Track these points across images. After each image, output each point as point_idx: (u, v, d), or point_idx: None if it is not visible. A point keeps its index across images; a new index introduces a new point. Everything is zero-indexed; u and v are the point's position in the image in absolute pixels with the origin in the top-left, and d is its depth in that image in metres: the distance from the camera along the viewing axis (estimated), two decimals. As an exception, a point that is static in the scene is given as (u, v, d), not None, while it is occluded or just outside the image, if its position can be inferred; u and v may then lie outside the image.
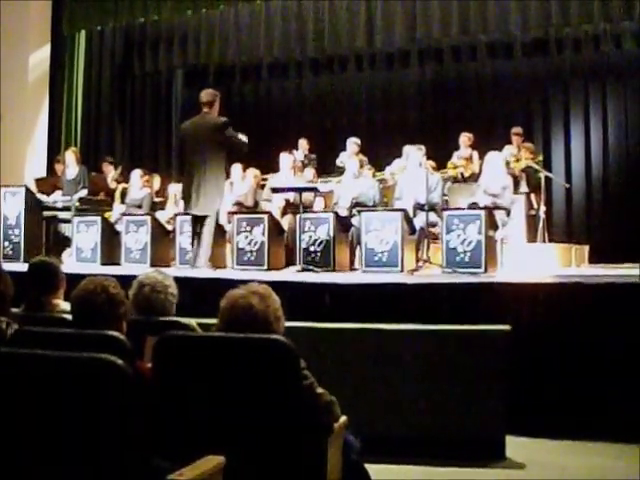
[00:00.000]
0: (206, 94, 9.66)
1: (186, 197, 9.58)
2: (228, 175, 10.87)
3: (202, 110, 9.57)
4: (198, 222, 9.41)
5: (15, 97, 14.74)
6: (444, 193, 11.04)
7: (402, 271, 9.33)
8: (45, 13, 15.63)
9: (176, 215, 11.16)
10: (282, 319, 3.65)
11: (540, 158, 12.70)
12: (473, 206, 9.75)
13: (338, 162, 12.75)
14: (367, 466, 4.03)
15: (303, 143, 13.93)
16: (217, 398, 3.42)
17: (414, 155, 10.65)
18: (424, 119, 15.87)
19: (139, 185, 12.20)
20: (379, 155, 13.13)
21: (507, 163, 11.25)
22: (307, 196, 10.87)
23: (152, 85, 17.33)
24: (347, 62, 16.34)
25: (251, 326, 3.50)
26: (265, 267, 10.02)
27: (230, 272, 9.70)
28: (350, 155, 12.36)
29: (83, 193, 12.26)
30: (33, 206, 11.66)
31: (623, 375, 6.61)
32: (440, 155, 12.42)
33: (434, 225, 9.98)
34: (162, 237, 11.15)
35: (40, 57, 15.58)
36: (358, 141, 12.88)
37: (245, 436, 3.36)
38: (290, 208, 11.10)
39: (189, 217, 9.68)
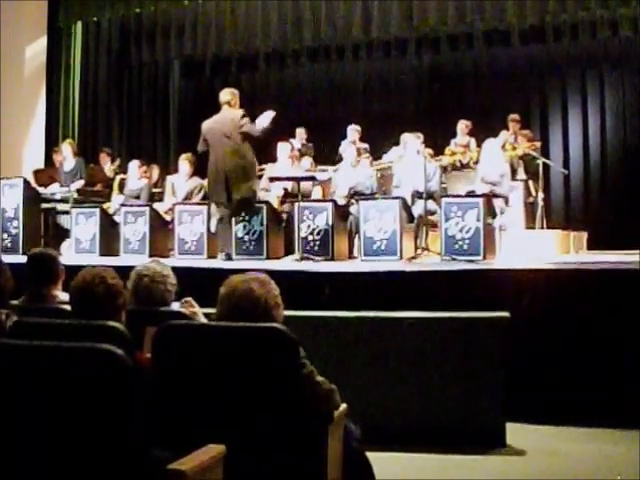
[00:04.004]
0: (224, 94, 9.71)
1: (212, 191, 9.75)
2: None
3: (222, 108, 9.63)
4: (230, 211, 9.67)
5: (12, 89, 14.71)
6: (442, 181, 11.02)
7: (401, 259, 9.35)
8: (41, 4, 15.61)
9: (174, 205, 11.16)
10: (281, 307, 3.64)
11: (538, 145, 12.69)
12: (471, 194, 9.75)
13: (341, 151, 12.73)
14: (367, 454, 4.04)
15: (300, 132, 13.91)
16: (217, 387, 3.43)
17: (412, 143, 10.64)
18: (421, 107, 15.87)
19: (137, 176, 12.19)
20: (376, 143, 13.10)
21: (503, 146, 11.25)
22: (305, 185, 10.86)
23: (149, 76, 17.29)
24: (344, 51, 16.31)
25: (251, 311, 3.50)
26: (264, 256, 10.02)
27: (229, 261, 9.69)
28: (349, 143, 12.34)
29: (80, 184, 12.25)
30: (31, 198, 11.63)
31: (622, 361, 6.62)
32: (438, 143, 12.43)
33: (432, 213, 9.97)
34: (161, 228, 11.15)
35: (37, 49, 15.56)
36: (358, 128, 12.87)
37: (245, 425, 3.37)
38: (288, 197, 11.09)
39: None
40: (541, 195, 11.88)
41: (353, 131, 12.79)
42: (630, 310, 6.69)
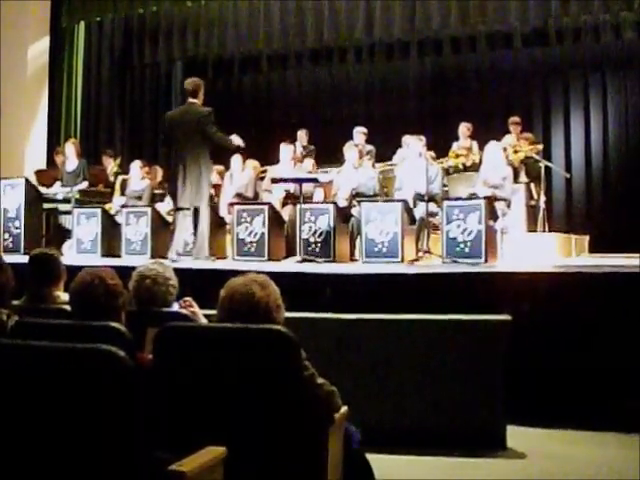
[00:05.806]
0: (190, 83, 9.68)
1: (174, 189, 9.69)
2: (224, 164, 10.83)
3: (187, 99, 9.59)
4: (194, 214, 9.49)
5: (14, 89, 14.73)
6: (444, 183, 11.02)
7: (402, 261, 9.34)
8: (44, 4, 15.64)
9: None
10: (282, 308, 3.64)
11: (540, 148, 12.68)
12: (473, 196, 9.74)
13: (344, 152, 12.68)
14: (367, 456, 4.04)
15: (302, 134, 13.90)
16: (218, 389, 3.42)
17: (414, 145, 10.64)
18: (423, 110, 15.85)
19: (139, 176, 12.20)
20: (378, 146, 13.09)
21: (504, 149, 11.23)
22: (307, 187, 10.86)
23: (151, 76, 17.30)
24: (346, 53, 16.31)
25: (252, 315, 3.49)
26: (265, 258, 10.01)
27: (230, 263, 9.69)
28: (352, 145, 12.31)
29: (83, 185, 12.23)
30: (33, 198, 11.63)
31: (624, 365, 6.62)
32: (440, 146, 12.38)
33: (434, 215, 9.97)
34: (162, 229, 11.14)
35: (39, 49, 15.58)
36: (365, 130, 12.82)
37: (246, 427, 3.36)
38: (290, 199, 11.09)
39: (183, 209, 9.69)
40: (543, 198, 11.87)
41: (359, 133, 12.74)
42: (632, 313, 6.68)
